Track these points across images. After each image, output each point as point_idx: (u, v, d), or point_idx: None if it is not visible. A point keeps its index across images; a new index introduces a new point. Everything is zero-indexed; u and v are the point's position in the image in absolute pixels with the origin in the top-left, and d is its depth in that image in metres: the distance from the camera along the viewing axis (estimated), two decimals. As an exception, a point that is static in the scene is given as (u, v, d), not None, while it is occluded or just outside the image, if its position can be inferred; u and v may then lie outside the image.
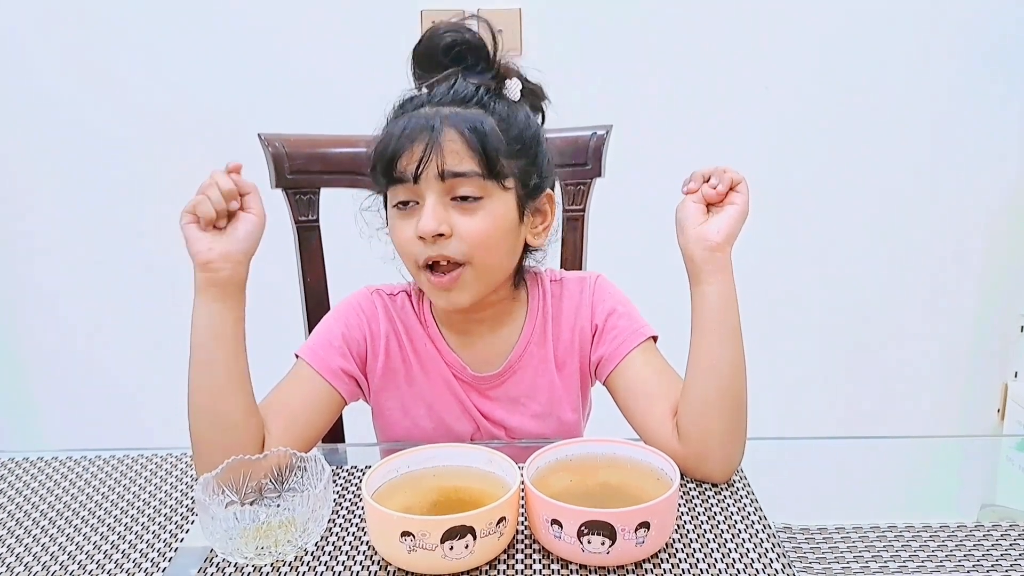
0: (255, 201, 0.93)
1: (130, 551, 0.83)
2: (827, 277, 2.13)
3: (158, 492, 0.95)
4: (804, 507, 0.93)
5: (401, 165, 0.95)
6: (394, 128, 0.97)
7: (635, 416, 1.01)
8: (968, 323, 2.17)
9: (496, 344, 1.07)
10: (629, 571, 0.78)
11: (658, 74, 1.99)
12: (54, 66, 1.99)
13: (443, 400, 1.07)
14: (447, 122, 0.94)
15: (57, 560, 0.82)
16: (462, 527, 0.75)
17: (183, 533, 0.87)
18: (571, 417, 1.09)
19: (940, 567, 0.78)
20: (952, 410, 2.22)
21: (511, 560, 0.80)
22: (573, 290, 1.09)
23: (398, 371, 1.07)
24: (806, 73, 2.01)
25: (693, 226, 0.94)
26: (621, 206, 1.59)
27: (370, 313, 1.07)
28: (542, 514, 0.79)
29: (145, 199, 2.04)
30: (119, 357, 2.19)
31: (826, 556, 0.81)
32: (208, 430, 0.91)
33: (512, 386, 1.07)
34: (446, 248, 0.95)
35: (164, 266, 2.01)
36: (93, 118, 2.02)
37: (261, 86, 1.96)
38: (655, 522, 0.77)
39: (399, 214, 0.98)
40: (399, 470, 0.86)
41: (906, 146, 2.06)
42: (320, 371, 1.02)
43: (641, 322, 1.06)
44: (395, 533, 0.75)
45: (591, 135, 1.34)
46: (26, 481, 0.98)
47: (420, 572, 0.78)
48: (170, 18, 1.95)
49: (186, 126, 1.99)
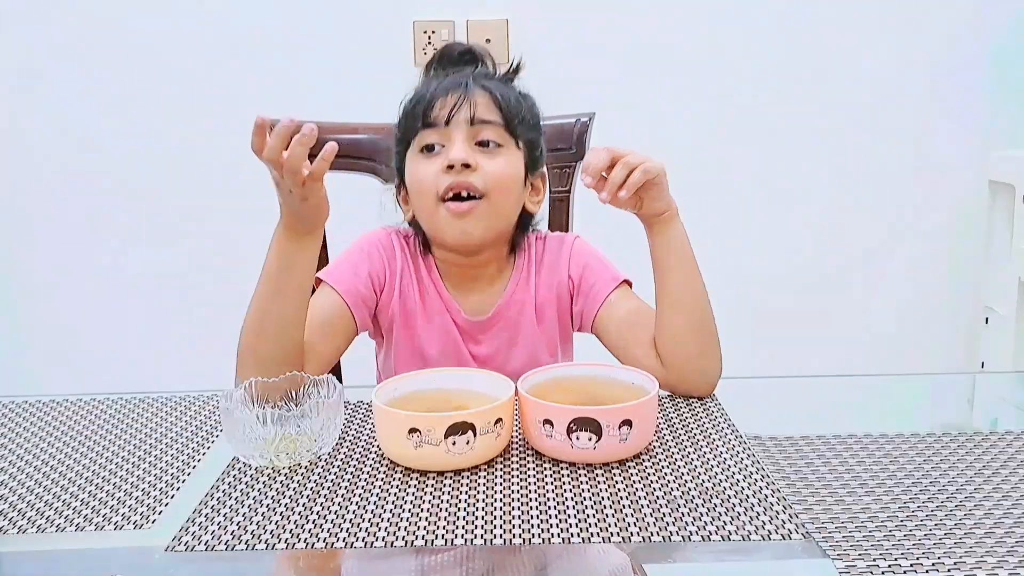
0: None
1: (152, 469, 0.90)
2: (791, 272, 2.25)
3: (174, 427, 1.02)
4: (774, 428, 1.00)
5: (436, 110, 1.09)
6: (428, 86, 1.12)
7: (621, 351, 1.11)
8: (933, 316, 2.28)
9: (487, 294, 1.18)
10: (614, 467, 0.86)
11: (636, 71, 2.13)
12: (56, 74, 2.10)
13: (437, 339, 1.17)
14: (477, 82, 1.11)
15: (87, 480, 0.89)
16: (463, 423, 0.83)
17: (205, 449, 0.94)
18: (547, 361, 1.19)
19: (912, 471, 0.85)
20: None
21: (507, 461, 0.88)
22: (553, 247, 1.21)
23: (408, 307, 1.17)
24: (782, 67, 2.16)
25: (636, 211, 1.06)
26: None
27: (389, 251, 1.18)
28: (535, 416, 0.87)
29: (144, 196, 2.14)
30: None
31: (795, 460, 0.88)
32: (271, 350, 1.01)
33: (498, 332, 1.18)
34: (469, 177, 1.07)
35: (166, 260, 2.13)
36: (94, 120, 2.15)
37: (263, 89, 2.08)
38: (637, 421, 0.85)
39: (424, 157, 1.10)
40: (405, 388, 0.94)
41: (873, 144, 2.20)
42: (342, 293, 1.12)
43: (613, 271, 1.18)
44: (403, 431, 0.84)
45: (575, 121, 1.45)
46: (47, 421, 1.05)
47: (425, 468, 0.85)
48: (176, 25, 2.09)
49: (189, 119, 2.11)
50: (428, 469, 0.86)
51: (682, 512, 0.77)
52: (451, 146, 1.08)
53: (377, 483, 0.84)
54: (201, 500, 0.82)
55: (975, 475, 0.84)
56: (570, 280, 1.18)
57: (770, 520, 0.75)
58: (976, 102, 2.20)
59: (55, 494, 0.85)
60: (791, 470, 0.86)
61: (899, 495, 0.80)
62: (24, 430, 1.02)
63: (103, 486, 0.86)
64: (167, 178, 2.16)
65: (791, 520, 0.75)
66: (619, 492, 0.81)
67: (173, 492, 0.84)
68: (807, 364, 2.28)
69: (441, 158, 1.08)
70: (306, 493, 0.82)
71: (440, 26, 2.00)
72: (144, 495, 0.84)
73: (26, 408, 1.08)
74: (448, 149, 1.08)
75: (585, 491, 0.81)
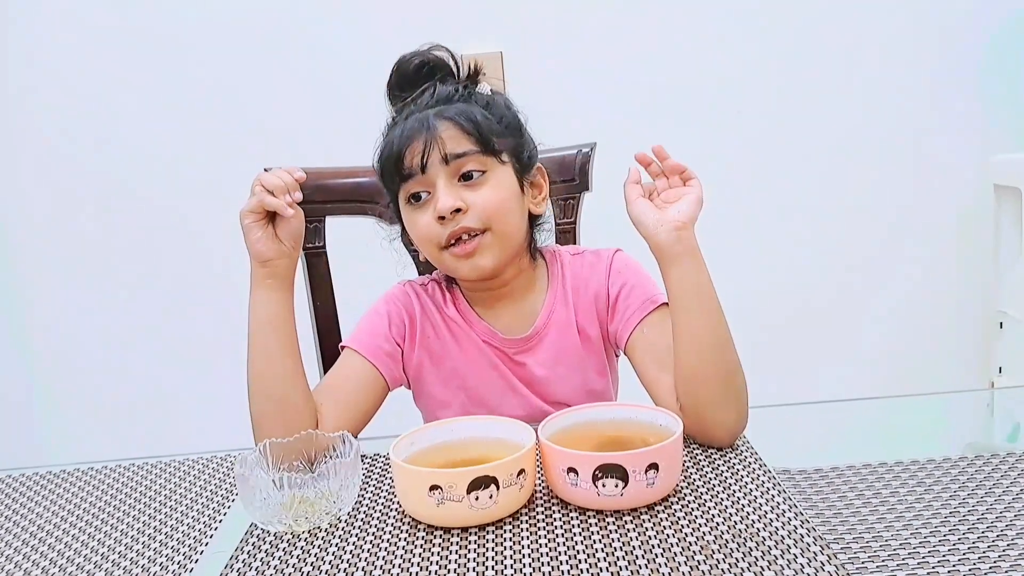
0: (295, 200, 1.04)
1: (168, 540, 0.88)
2: (797, 282, 2.23)
3: (189, 492, 1.00)
4: (800, 460, 0.98)
5: (407, 161, 1.06)
6: (393, 135, 1.09)
7: (648, 384, 1.08)
8: (947, 323, 2.26)
9: (522, 312, 1.16)
10: (643, 513, 0.84)
11: (633, 100, 2.12)
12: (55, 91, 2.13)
13: (478, 368, 1.15)
14: (439, 116, 1.07)
15: (102, 556, 0.87)
16: (486, 478, 0.81)
17: (221, 516, 0.92)
18: (598, 383, 1.17)
19: (949, 500, 0.83)
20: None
21: (532, 513, 0.86)
22: (592, 261, 1.18)
23: (433, 349, 1.15)
24: (780, 82, 2.15)
25: (652, 215, 1.01)
26: (609, 217, 1.67)
27: (405, 301, 1.17)
28: (558, 464, 0.85)
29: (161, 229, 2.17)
30: (128, 365, 2.28)
31: (828, 495, 0.86)
32: (271, 412, 1.02)
33: (541, 350, 1.15)
34: (463, 221, 1.05)
35: (170, 277, 2.14)
36: (96, 155, 2.16)
37: (265, 125, 2.11)
38: (663, 464, 0.83)
39: (413, 209, 1.08)
40: (423, 442, 0.92)
41: (879, 148, 2.19)
42: (366, 355, 1.11)
43: (653, 291, 1.12)
44: (424, 488, 0.81)
45: (576, 152, 1.43)
46: (59, 493, 1.03)
47: (449, 525, 0.83)
48: (184, 59, 2.13)
49: (195, 161, 2.13)
50: (451, 526, 0.83)
51: (717, 559, 0.74)
52: (435, 194, 1.05)
53: (400, 543, 0.82)
54: (221, 573, 0.79)
55: (1014, 500, 0.81)
56: (608, 295, 1.15)
57: (808, 563, 0.73)
58: (976, 105, 2.19)
59: (71, 573, 0.82)
60: (824, 505, 0.84)
61: (938, 527, 0.77)
62: (34, 505, 1.00)
63: (119, 562, 0.84)
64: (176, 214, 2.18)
65: (830, 561, 0.73)
66: (650, 540, 0.78)
67: (192, 565, 0.82)
68: (816, 376, 2.26)
69: (430, 207, 1.06)
70: (328, 559, 0.80)
71: (434, 62, 2.00)
72: (162, 569, 0.81)
73: (35, 481, 1.06)
74: (434, 198, 1.06)
75: (615, 540, 0.79)
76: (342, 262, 1.42)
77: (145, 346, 2.28)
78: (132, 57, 2.16)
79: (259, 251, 1.03)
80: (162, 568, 0.82)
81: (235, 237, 1.85)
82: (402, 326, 1.15)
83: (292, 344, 1.05)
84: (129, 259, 2.26)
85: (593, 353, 1.17)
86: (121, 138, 2.19)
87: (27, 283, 2.27)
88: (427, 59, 1.12)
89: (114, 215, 2.24)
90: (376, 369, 1.12)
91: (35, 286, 2.27)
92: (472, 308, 1.16)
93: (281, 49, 2.15)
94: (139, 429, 2.23)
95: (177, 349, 2.28)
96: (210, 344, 2.21)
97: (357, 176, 1.39)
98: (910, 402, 1.24)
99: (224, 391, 1.54)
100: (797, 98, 2.18)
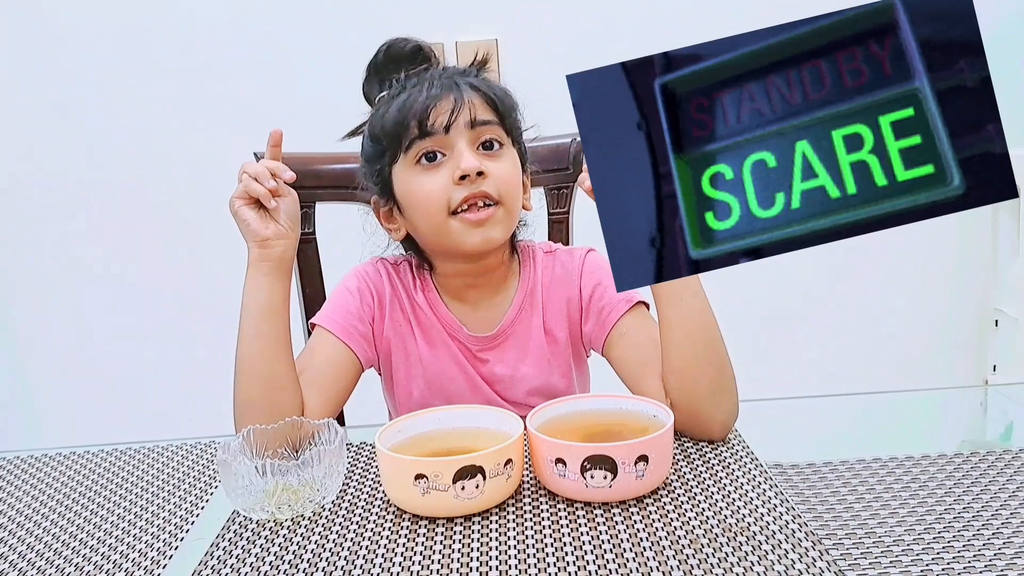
0: (286, 183, 1.02)
1: (148, 527, 0.87)
2: (793, 278, 2.22)
3: (171, 478, 0.98)
4: (793, 453, 0.97)
5: (432, 119, 1.03)
6: (415, 91, 1.04)
7: (631, 384, 1.06)
8: (942, 320, 2.25)
9: (491, 309, 1.14)
10: (631, 505, 0.82)
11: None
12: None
13: (440, 361, 1.13)
14: (465, 82, 1.06)
15: (81, 541, 0.85)
16: (472, 467, 0.80)
17: (203, 503, 0.91)
18: (561, 384, 1.14)
19: (944, 497, 0.82)
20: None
21: (519, 504, 0.84)
22: (564, 260, 1.16)
23: (401, 332, 1.13)
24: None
25: None
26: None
27: (376, 279, 1.14)
28: (546, 455, 0.83)
29: (146, 218, 2.15)
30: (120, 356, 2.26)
31: (820, 490, 0.85)
32: (260, 395, 1.00)
33: (506, 349, 1.13)
34: (483, 185, 1.03)
35: (154, 262, 2.13)
36: (90, 143, 2.14)
37: (256, 110, 2.09)
38: (653, 456, 0.82)
39: (422, 169, 1.05)
40: (409, 430, 0.91)
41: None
42: (340, 336, 1.09)
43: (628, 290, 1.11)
44: (409, 477, 0.80)
45: (571, 141, 1.41)
46: (39, 477, 1.01)
47: (434, 515, 0.82)
48: (172, 47, 2.12)
49: (186, 146, 2.11)
50: (437, 516, 0.82)
51: (706, 553, 0.73)
52: (458, 155, 1.02)
53: (384, 533, 0.80)
54: (201, 560, 0.78)
55: (1010, 498, 0.80)
56: (580, 297, 1.13)
57: (800, 558, 0.71)
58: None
59: (48, 559, 0.81)
60: (816, 500, 0.82)
61: (932, 524, 0.76)
62: (15, 487, 0.98)
63: (99, 547, 0.82)
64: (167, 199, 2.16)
65: (822, 557, 0.71)
66: (638, 533, 0.77)
67: (171, 552, 0.80)
68: (813, 372, 2.25)
69: (447, 168, 1.03)
70: (311, 548, 0.79)
71: (429, 49, 1.98)
72: (142, 556, 0.80)
73: (16, 464, 1.05)
74: (455, 158, 1.03)
75: (603, 533, 0.77)
76: (332, 249, 1.40)
77: (130, 332, 2.26)
78: (123, 52, 2.13)
79: (255, 231, 1.00)
80: (141, 555, 0.80)
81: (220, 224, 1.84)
82: (372, 303, 1.13)
83: (284, 330, 1.03)
84: (114, 247, 2.24)
85: (558, 355, 1.14)
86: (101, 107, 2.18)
87: (10, 267, 2.24)
88: (423, 46, 1.11)
89: (100, 203, 2.21)
90: (351, 351, 1.09)
91: (18, 271, 2.25)
92: (441, 299, 1.14)
93: (273, 33, 2.12)
94: (123, 416, 2.20)
95: (162, 335, 2.26)
96: (195, 331, 2.19)
97: (347, 162, 1.37)
98: (903, 398, 1.23)
99: (210, 378, 1.52)
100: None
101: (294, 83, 2.12)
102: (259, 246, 1.01)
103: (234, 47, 2.14)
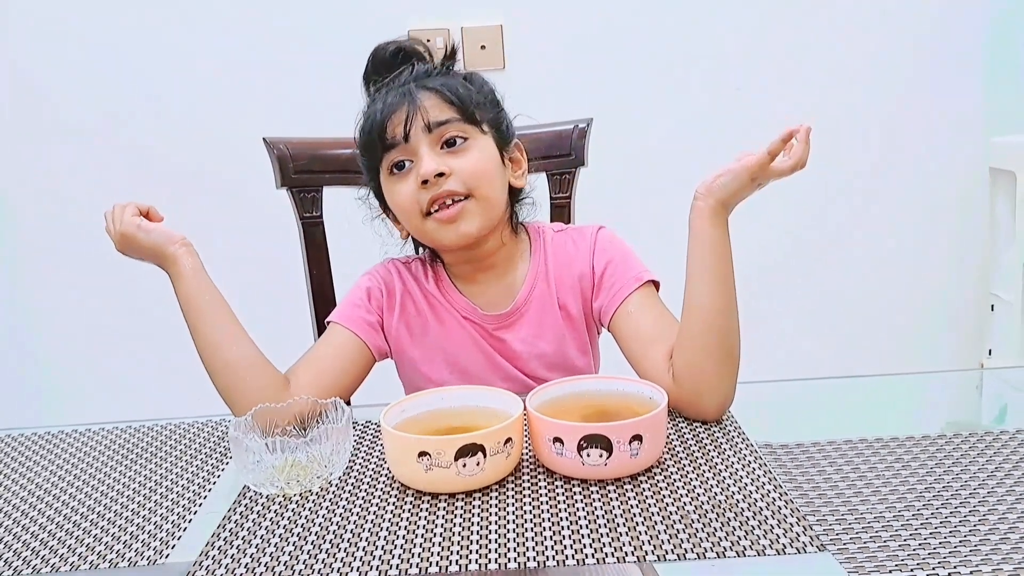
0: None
1: (163, 500, 0.90)
2: (793, 263, 2.25)
3: (185, 454, 1.02)
4: (784, 433, 1.00)
5: (390, 131, 1.08)
6: (374, 106, 1.10)
7: (634, 360, 1.09)
8: (939, 304, 2.28)
9: (503, 287, 1.17)
10: (626, 483, 0.86)
11: (632, 75, 2.13)
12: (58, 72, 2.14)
13: (459, 344, 1.17)
14: (420, 87, 1.09)
15: (99, 514, 0.89)
16: (473, 445, 0.83)
17: (215, 478, 0.94)
18: (580, 360, 1.18)
19: (925, 476, 0.85)
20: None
21: (518, 481, 0.88)
22: (576, 237, 1.20)
23: (413, 323, 1.17)
24: (777, 61, 2.16)
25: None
26: (604, 192, 1.69)
27: (385, 276, 1.19)
28: (544, 434, 0.87)
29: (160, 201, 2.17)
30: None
31: (807, 469, 0.88)
32: (227, 380, 1.05)
33: (522, 326, 1.17)
34: (446, 185, 1.07)
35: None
36: (100, 123, 2.18)
37: (265, 96, 2.12)
38: (647, 435, 0.85)
39: (395, 178, 1.10)
40: (413, 409, 0.94)
41: (877, 130, 2.20)
42: (349, 326, 1.14)
43: (638, 268, 1.14)
44: (412, 454, 0.83)
45: (573, 127, 1.44)
46: (57, 453, 1.05)
47: (436, 491, 0.85)
48: (182, 33, 2.14)
49: (195, 132, 2.14)
50: (439, 492, 0.85)
51: (696, 528, 0.77)
52: (418, 161, 1.07)
53: (389, 508, 0.84)
54: (213, 532, 0.82)
55: (988, 478, 0.83)
56: (593, 272, 1.16)
57: (784, 533, 0.75)
58: (974, 88, 2.19)
59: (68, 530, 0.85)
60: (803, 479, 0.86)
61: (912, 502, 0.80)
62: (32, 464, 1.02)
63: (115, 520, 0.86)
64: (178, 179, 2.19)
65: (805, 533, 0.75)
66: (632, 509, 0.81)
67: (185, 525, 0.84)
68: (812, 356, 2.28)
69: (413, 174, 1.08)
70: (318, 521, 0.82)
71: (435, 34, 1.99)
72: (157, 528, 0.84)
73: (33, 440, 1.08)
74: (416, 164, 1.07)
75: (598, 509, 0.81)
76: (339, 231, 1.43)
77: (144, 315, 2.29)
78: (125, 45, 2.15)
79: (167, 234, 1.08)
80: (156, 527, 0.84)
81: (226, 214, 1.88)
82: (380, 297, 1.18)
83: (227, 313, 1.08)
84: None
85: (574, 330, 1.18)
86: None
87: (23, 249, 2.27)
88: (403, 46, 1.14)
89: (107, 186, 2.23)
90: (359, 338, 1.14)
91: (31, 255, 2.27)
92: (453, 284, 1.18)
93: (281, 18, 2.14)
94: (138, 394, 2.24)
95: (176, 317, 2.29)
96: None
97: (353, 147, 1.40)
98: (896, 381, 1.26)
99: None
100: (796, 76, 2.18)
101: (303, 69, 2.14)
102: (180, 246, 1.08)
103: (242, 32, 2.16)
